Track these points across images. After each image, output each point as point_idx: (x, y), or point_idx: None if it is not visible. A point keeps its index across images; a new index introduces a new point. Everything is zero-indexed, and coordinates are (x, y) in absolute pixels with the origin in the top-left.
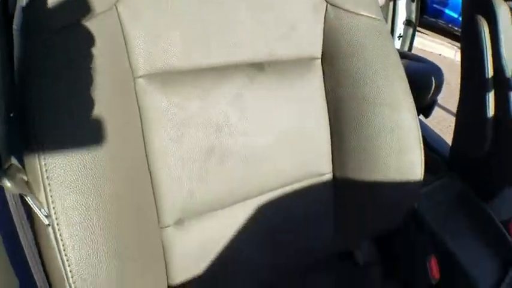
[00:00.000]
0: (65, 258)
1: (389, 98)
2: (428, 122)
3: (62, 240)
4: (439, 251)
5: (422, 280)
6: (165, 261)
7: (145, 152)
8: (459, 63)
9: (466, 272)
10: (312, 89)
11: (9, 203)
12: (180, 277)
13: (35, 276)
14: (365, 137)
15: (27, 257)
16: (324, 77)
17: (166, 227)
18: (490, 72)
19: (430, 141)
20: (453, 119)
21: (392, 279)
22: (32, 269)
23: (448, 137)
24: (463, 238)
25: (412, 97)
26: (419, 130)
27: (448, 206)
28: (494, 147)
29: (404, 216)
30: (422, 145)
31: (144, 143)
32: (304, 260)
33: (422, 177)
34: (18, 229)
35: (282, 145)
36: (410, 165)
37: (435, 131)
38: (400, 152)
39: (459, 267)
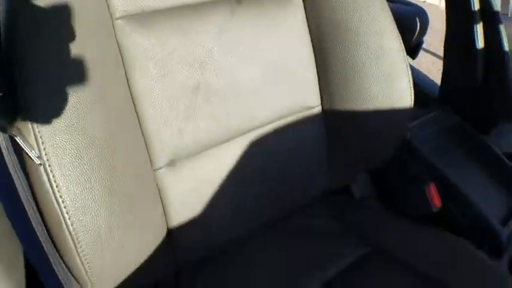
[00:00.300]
0: (60, 199)
1: (372, 26)
2: (417, 66)
3: (55, 181)
4: (437, 181)
5: (422, 209)
6: (162, 204)
7: (130, 93)
8: (444, 9)
9: (470, 202)
10: (293, 21)
11: (2, 149)
12: (177, 220)
13: (32, 222)
14: (351, 67)
15: (24, 204)
16: (305, 9)
17: (159, 168)
18: (476, 5)
19: (418, 81)
20: (441, 63)
21: (390, 209)
22: (28, 213)
23: (437, 79)
24: (463, 169)
25: (396, 27)
26: (406, 57)
27: (443, 137)
28: (487, 79)
29: (396, 146)
30: (410, 72)
31: (128, 84)
32: (299, 197)
33: (412, 104)
34: (12, 175)
35: (267, 79)
36: (399, 93)
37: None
38: (387, 79)
39: (461, 197)
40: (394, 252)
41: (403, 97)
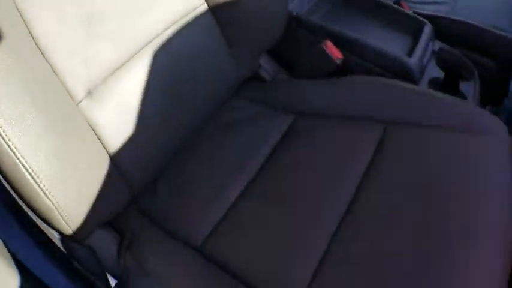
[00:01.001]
0: (12, 146)
1: None
2: None
3: (4, 131)
4: (332, 38)
5: (327, 66)
6: (96, 133)
7: (35, 41)
8: None
9: (368, 46)
10: None
11: None
12: (114, 145)
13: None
14: None
15: None
16: None
17: (80, 102)
18: None
19: None
20: None
21: (301, 79)
22: None
23: None
24: (354, 23)
25: None
26: None
27: (327, 3)
28: None
29: (285, 20)
30: None
31: (32, 35)
32: (218, 92)
33: None
34: None
35: None
36: None
37: None
38: None
39: (359, 44)
40: (318, 111)
41: None
